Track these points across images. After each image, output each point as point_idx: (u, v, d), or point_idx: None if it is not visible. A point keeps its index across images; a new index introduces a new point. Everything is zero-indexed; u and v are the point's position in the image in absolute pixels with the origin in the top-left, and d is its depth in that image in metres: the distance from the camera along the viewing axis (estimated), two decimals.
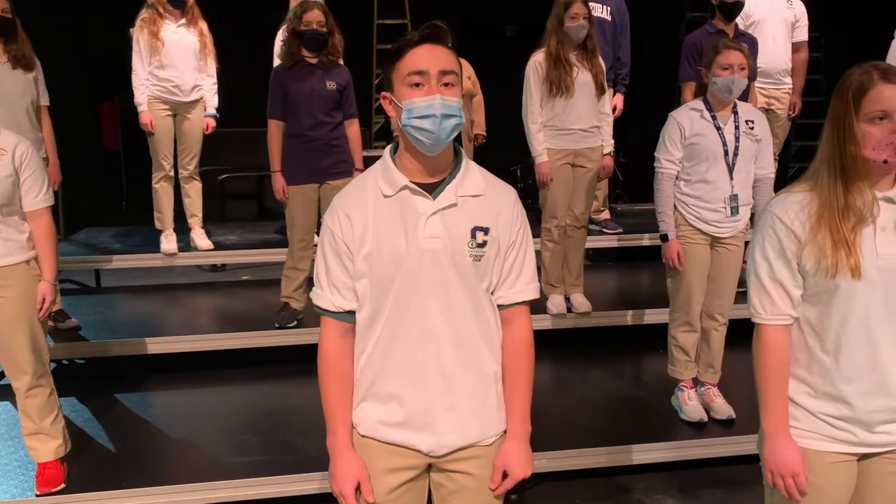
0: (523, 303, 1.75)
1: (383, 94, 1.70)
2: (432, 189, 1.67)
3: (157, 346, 4.01)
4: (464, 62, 5.12)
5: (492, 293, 1.73)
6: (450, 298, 1.66)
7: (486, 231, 1.67)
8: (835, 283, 1.66)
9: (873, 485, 1.76)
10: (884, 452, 1.74)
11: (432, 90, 1.61)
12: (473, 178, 1.70)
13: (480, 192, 1.69)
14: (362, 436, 1.74)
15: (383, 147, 7.46)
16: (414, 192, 1.66)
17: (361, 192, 1.69)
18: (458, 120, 1.63)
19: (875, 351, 1.68)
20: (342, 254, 1.68)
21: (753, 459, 3.21)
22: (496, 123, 5.41)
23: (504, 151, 5.30)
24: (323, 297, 1.72)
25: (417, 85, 1.61)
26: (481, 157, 5.25)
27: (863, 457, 1.76)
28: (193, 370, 4.10)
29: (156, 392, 3.90)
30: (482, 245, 1.66)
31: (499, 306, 1.74)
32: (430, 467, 1.78)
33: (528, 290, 1.75)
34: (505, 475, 1.74)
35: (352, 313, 1.72)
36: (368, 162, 4.74)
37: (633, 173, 7.14)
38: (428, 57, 1.61)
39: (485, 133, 5.40)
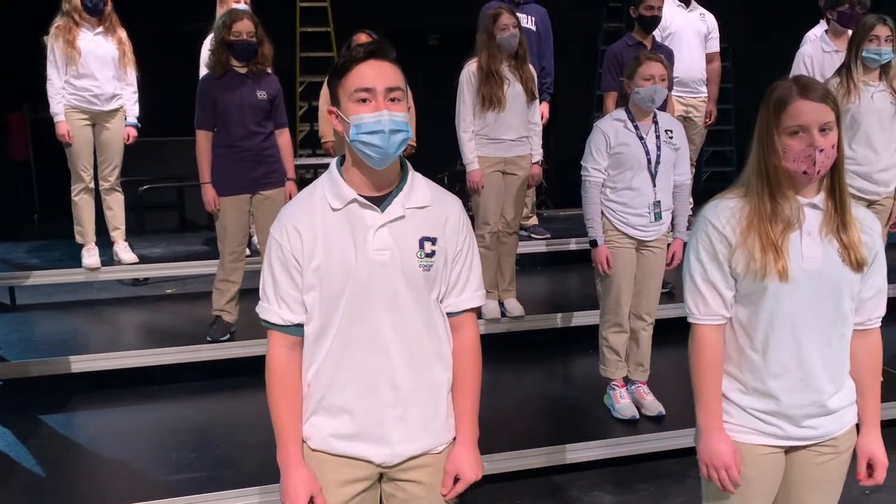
0: (471, 310, 1.79)
1: (329, 108, 1.72)
2: (380, 202, 1.69)
3: (81, 363, 3.86)
4: None
5: (440, 301, 1.76)
6: (400, 309, 1.69)
7: (433, 241, 1.70)
8: (763, 285, 1.76)
9: (799, 475, 1.88)
10: (809, 445, 1.85)
11: (379, 106, 1.63)
12: (420, 189, 1.74)
13: (427, 203, 1.73)
14: (313, 449, 1.74)
15: (309, 155, 7.46)
16: (362, 205, 1.68)
17: (310, 205, 1.70)
18: (406, 134, 1.66)
19: (800, 349, 1.79)
20: (291, 267, 1.68)
21: (684, 453, 3.38)
22: (420, 131, 5.46)
23: (430, 159, 5.33)
24: (270, 310, 1.72)
25: (364, 101, 1.63)
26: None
27: (789, 449, 1.87)
28: (122, 388, 3.97)
29: (82, 412, 3.76)
30: (430, 255, 1.70)
31: (447, 314, 1.77)
32: (381, 477, 1.79)
33: (475, 297, 1.79)
34: (456, 480, 1.77)
35: (300, 326, 1.72)
36: (295, 170, 4.72)
37: (556, 180, 7.34)
38: (374, 74, 1.64)
39: (415, 144, 5.44)
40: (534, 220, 5.48)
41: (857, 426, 1.89)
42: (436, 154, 5.06)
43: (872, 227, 1.82)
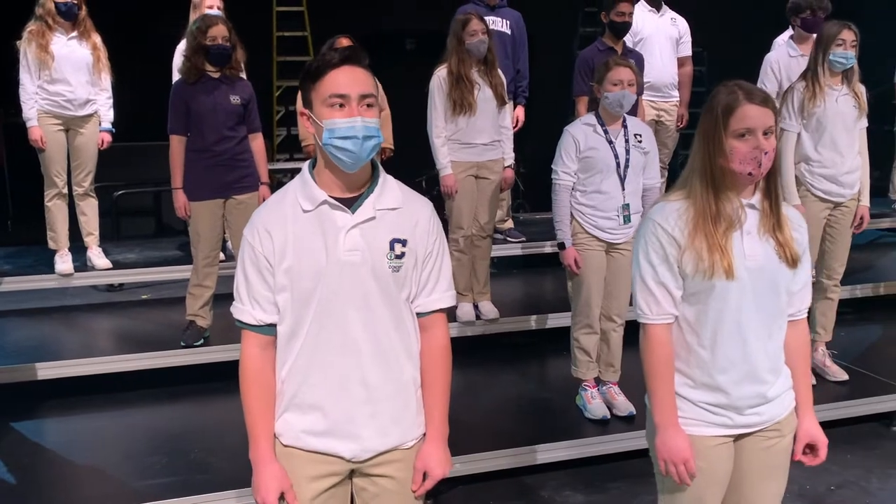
0: (441, 310, 1.83)
1: (301, 110, 1.75)
2: (351, 203, 1.73)
3: (50, 370, 3.83)
4: None
5: (411, 302, 1.80)
6: (370, 309, 1.72)
7: (403, 243, 1.74)
8: (711, 284, 1.83)
9: (748, 460, 1.96)
10: (755, 431, 1.94)
11: (353, 112, 1.67)
12: (391, 191, 1.78)
13: (398, 205, 1.76)
14: (285, 445, 1.78)
15: (286, 160, 7.46)
16: (333, 206, 1.71)
17: (281, 207, 1.74)
18: (377, 140, 1.70)
19: (745, 344, 1.87)
20: (263, 268, 1.72)
21: None
22: (398, 135, 5.48)
23: (408, 163, 5.36)
24: (244, 310, 1.76)
25: (338, 106, 1.67)
26: (387, 170, 5.31)
27: (737, 437, 1.95)
28: (95, 394, 3.94)
29: (54, 419, 3.74)
30: (400, 256, 1.74)
31: (417, 314, 1.81)
32: (352, 473, 1.83)
33: (445, 297, 1.83)
34: (425, 476, 1.81)
35: (272, 326, 1.76)
36: (271, 174, 4.73)
37: (532, 184, 7.38)
38: (348, 80, 1.67)
39: (392, 148, 5.47)
40: (509, 224, 5.51)
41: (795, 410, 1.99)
42: (414, 158, 5.09)
43: (801, 225, 1.93)
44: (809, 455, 2.00)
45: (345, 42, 4.95)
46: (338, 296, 1.71)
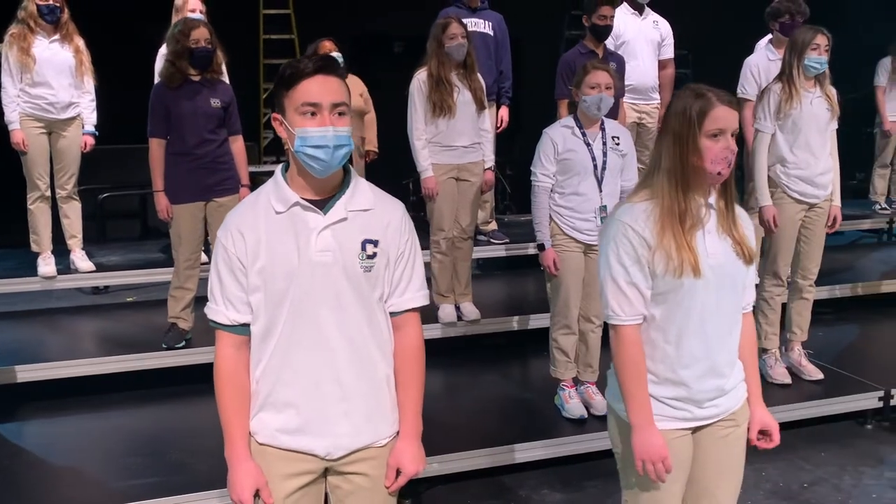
0: (413, 309, 1.86)
1: (274, 115, 1.78)
2: (323, 205, 1.76)
3: (30, 373, 3.84)
4: (356, 79, 5.19)
5: (385, 301, 1.83)
6: (342, 308, 1.76)
7: (375, 243, 1.77)
8: (680, 282, 1.87)
9: (706, 451, 2.01)
10: (714, 423, 2.00)
11: (325, 121, 1.70)
12: (362, 193, 1.81)
13: (370, 206, 1.80)
14: (260, 444, 1.81)
15: (273, 162, 7.46)
16: (305, 208, 1.75)
17: (254, 209, 1.78)
18: (349, 148, 1.74)
19: (708, 339, 1.92)
20: (236, 269, 1.75)
21: None
22: (386, 138, 5.50)
23: (395, 165, 5.40)
24: (217, 311, 1.79)
25: (310, 114, 1.70)
26: (374, 172, 5.33)
27: (696, 429, 2.00)
28: (76, 396, 3.95)
29: (35, 421, 3.74)
30: (372, 257, 1.77)
31: (391, 313, 1.84)
32: (326, 472, 1.86)
33: (417, 297, 1.86)
34: (399, 473, 1.84)
35: (246, 326, 1.79)
36: (258, 177, 4.75)
37: (519, 185, 7.41)
38: (321, 90, 1.70)
39: (376, 150, 5.50)
40: (493, 226, 5.55)
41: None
42: (400, 160, 5.11)
43: (749, 223, 2.01)
44: (764, 440, 2.06)
45: (328, 45, 4.98)
46: (310, 296, 1.74)
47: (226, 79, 4.55)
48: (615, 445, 2.06)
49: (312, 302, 1.74)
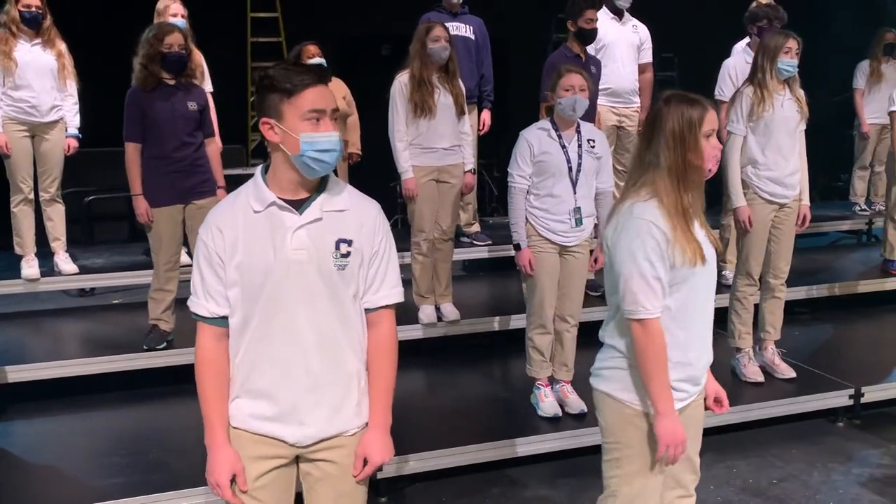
0: (387, 306, 1.95)
1: (265, 119, 1.85)
2: (299, 205, 1.85)
3: (14, 374, 3.87)
4: (339, 82, 5.25)
5: (361, 298, 1.92)
6: (315, 304, 1.85)
7: (349, 243, 1.87)
8: (693, 271, 2.02)
9: (686, 421, 2.12)
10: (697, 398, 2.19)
11: (329, 127, 1.82)
12: (338, 194, 1.90)
13: (345, 207, 1.89)
14: (234, 427, 1.91)
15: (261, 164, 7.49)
16: (281, 207, 1.84)
17: (233, 208, 1.88)
18: (340, 151, 1.86)
19: (707, 320, 2.12)
20: (215, 264, 1.85)
21: None
22: (373, 140, 5.53)
23: (382, 168, 5.43)
24: (199, 303, 1.89)
25: (315, 120, 1.80)
26: (359, 174, 5.37)
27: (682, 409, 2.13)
28: (58, 397, 3.98)
29: (17, 421, 3.77)
30: (346, 255, 1.86)
31: (365, 310, 1.93)
32: (298, 458, 1.95)
33: (391, 294, 1.95)
34: (366, 462, 1.92)
35: (226, 319, 1.89)
36: (246, 180, 4.76)
37: (505, 187, 7.43)
38: (323, 97, 1.82)
39: (360, 152, 5.54)
40: (476, 227, 5.60)
41: None
42: (386, 163, 5.15)
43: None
44: (716, 405, 2.25)
45: (312, 49, 5.03)
46: (284, 292, 1.83)
47: (207, 84, 4.60)
48: (613, 435, 2.14)
49: (286, 298, 1.83)
